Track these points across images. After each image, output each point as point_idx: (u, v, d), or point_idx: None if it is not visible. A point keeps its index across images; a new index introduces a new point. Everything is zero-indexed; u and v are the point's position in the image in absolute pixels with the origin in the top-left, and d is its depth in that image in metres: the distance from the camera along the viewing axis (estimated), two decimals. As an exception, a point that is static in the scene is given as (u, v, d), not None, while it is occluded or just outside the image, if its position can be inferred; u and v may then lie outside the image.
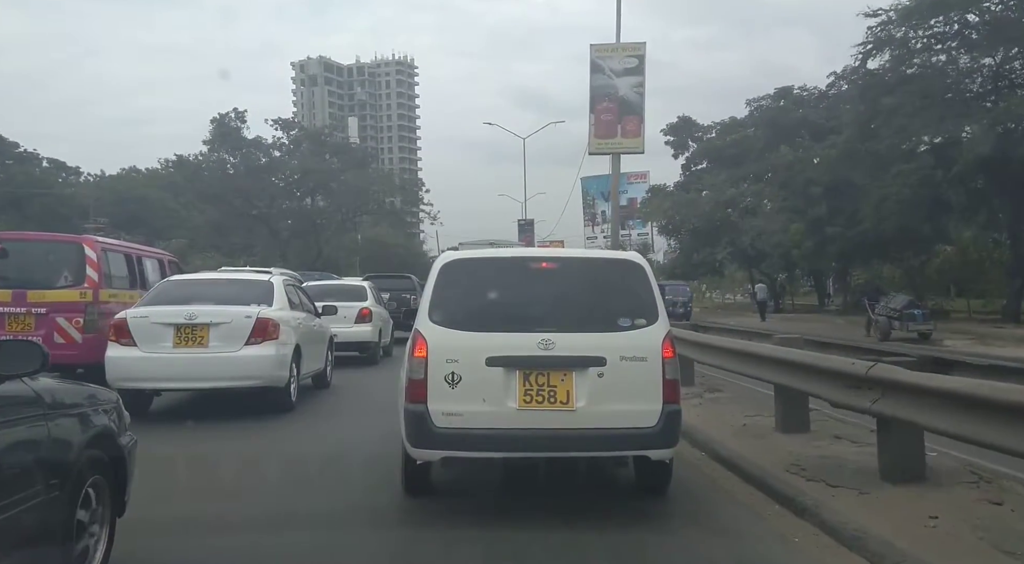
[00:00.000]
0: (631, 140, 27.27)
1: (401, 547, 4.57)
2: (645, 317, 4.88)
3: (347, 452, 6.93)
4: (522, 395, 4.63)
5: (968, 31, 26.17)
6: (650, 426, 4.67)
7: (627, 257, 5.61)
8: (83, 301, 10.55)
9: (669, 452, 4.87)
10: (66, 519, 3.27)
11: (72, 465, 3.31)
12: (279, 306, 9.17)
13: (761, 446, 6.70)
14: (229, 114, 54.92)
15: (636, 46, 27.15)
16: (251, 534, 4.61)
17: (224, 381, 8.32)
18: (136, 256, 12.07)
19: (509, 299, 5.03)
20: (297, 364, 9.16)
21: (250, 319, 8.50)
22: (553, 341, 4.67)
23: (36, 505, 3.02)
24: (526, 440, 4.63)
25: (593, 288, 5.11)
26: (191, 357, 8.24)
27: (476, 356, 4.66)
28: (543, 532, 4.52)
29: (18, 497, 2.92)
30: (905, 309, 20.08)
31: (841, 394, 5.76)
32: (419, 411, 4.64)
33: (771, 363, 7.15)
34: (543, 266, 5.19)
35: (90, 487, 3.50)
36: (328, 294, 13.76)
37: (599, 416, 4.65)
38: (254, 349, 8.38)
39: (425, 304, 4.93)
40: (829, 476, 5.50)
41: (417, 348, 4.74)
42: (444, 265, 5.11)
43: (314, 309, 10.93)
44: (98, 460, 3.58)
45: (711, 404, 9.26)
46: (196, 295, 8.99)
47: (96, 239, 11.15)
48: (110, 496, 3.70)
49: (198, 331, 8.32)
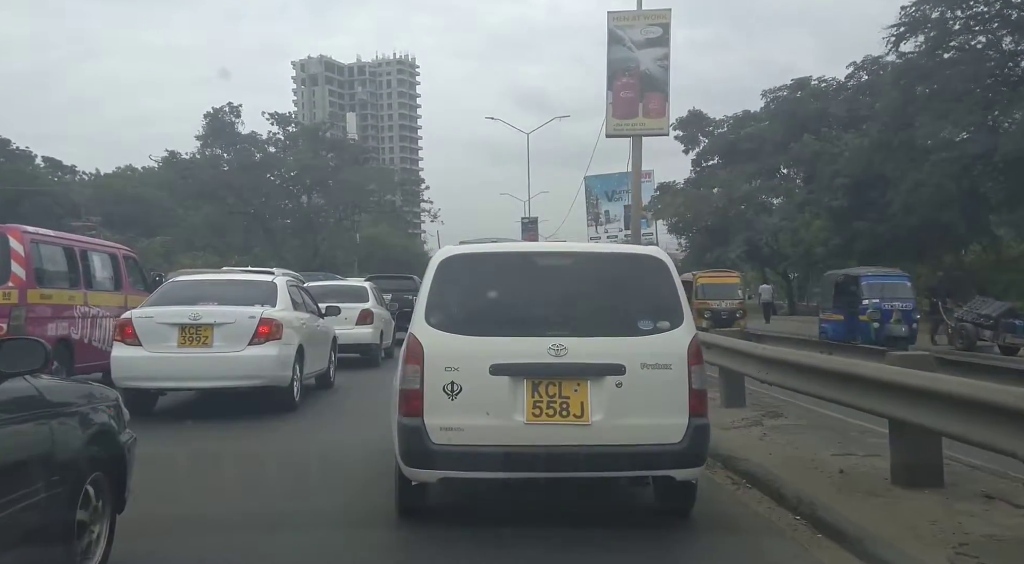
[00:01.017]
0: (654, 120, 23.61)
1: (403, 545, 4.53)
2: (669, 319, 4.48)
3: (350, 451, 6.84)
4: (530, 407, 4.26)
5: (1010, 11, 24.34)
6: (675, 442, 4.29)
7: (648, 251, 5.02)
8: (6, 304, 8.95)
9: (696, 472, 4.46)
10: (67, 516, 3.34)
11: (73, 462, 3.38)
12: (282, 307, 9.19)
13: (886, 510, 4.74)
14: (223, 109, 53.03)
15: (660, 13, 23.80)
16: (252, 533, 4.57)
17: (228, 381, 8.40)
18: (80, 250, 10.66)
19: (516, 299, 4.67)
20: (300, 364, 9.23)
21: (254, 319, 8.55)
22: (565, 346, 4.29)
23: (38, 502, 3.09)
24: (535, 458, 4.26)
25: (610, 286, 4.73)
26: (195, 357, 8.32)
27: (479, 363, 4.28)
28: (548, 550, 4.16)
29: (20, 494, 2.99)
30: (1003, 317, 17.25)
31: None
32: (414, 426, 4.28)
33: (898, 394, 4.96)
34: (554, 262, 4.87)
35: (91, 484, 3.56)
36: (329, 295, 13.52)
37: (617, 431, 4.27)
38: (258, 349, 8.44)
39: (421, 305, 4.53)
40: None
41: (412, 354, 4.36)
42: (443, 261, 4.68)
43: (317, 310, 10.91)
44: (98, 457, 3.62)
45: (778, 435, 7.31)
46: (201, 295, 8.99)
47: (24, 230, 9.53)
48: (110, 493, 3.76)
49: (202, 331, 8.39)
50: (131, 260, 12.07)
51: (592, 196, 75.00)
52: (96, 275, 10.78)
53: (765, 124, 43.45)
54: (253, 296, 9.11)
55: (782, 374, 7.06)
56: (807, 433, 7.36)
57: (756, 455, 6.29)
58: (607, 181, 62.34)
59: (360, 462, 6.13)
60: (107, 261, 11.21)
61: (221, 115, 53.08)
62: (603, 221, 75.22)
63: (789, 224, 32.91)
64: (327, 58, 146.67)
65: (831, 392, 5.99)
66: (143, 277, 12.23)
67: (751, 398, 9.25)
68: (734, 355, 8.52)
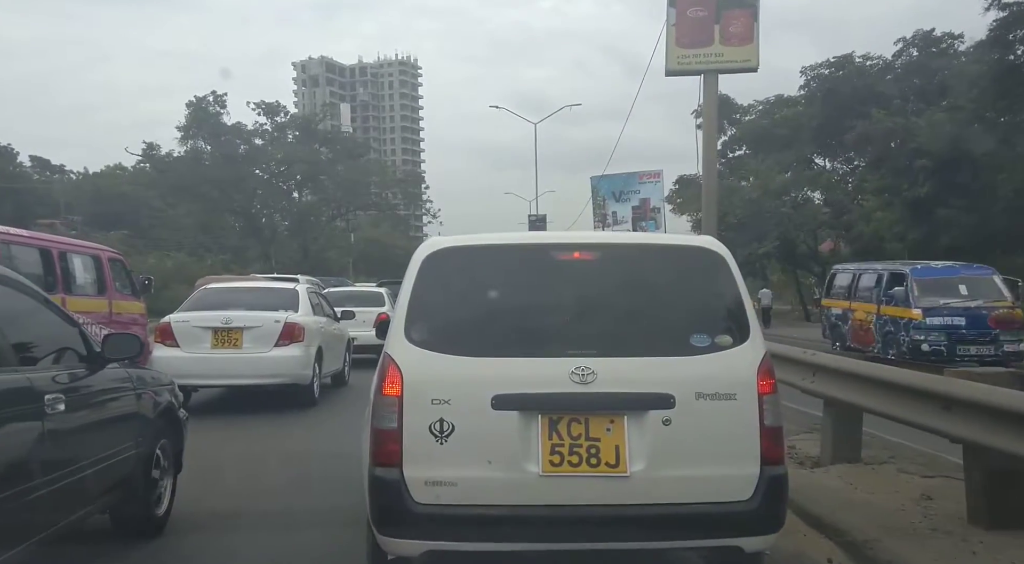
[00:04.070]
0: (737, 49, 16.44)
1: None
2: (731, 332, 3.52)
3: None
4: (547, 454, 3.30)
5: None
6: (742, 500, 3.32)
7: (700, 243, 3.85)
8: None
9: (771, 540, 3.43)
10: (147, 470, 4.52)
11: (150, 430, 4.58)
12: (304, 312, 10.19)
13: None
14: (207, 98, 49.02)
15: None
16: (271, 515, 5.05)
17: (256, 379, 9.46)
18: (59, 251, 9.83)
19: (526, 307, 3.68)
20: (319, 364, 10.14)
21: (279, 324, 9.57)
22: (593, 370, 3.33)
23: (129, 457, 4.27)
24: (553, 523, 3.30)
25: (652, 289, 3.73)
26: (227, 357, 9.35)
27: (477, 394, 3.33)
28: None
29: (119, 448, 4.18)
30: None
31: None
32: (390, 479, 3.33)
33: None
34: (576, 257, 3.76)
35: (159, 449, 4.69)
36: (348, 300, 14.83)
37: (664, 485, 3.31)
38: (282, 350, 9.47)
39: (400, 315, 3.56)
40: None
41: (388, 382, 3.42)
42: (428, 256, 3.69)
43: (333, 313, 11.92)
44: (164, 428, 4.79)
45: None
46: (231, 301, 10.11)
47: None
48: (172, 457, 4.88)
49: (233, 334, 9.44)
50: (117, 262, 11.55)
51: (599, 197, 72.64)
52: (76, 278, 10.28)
53: (800, 108, 39.24)
54: (277, 302, 10.18)
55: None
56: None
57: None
58: (614, 181, 59.73)
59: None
60: (89, 263, 10.68)
61: (205, 105, 49.04)
62: (610, 223, 72.59)
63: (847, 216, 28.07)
64: (328, 59, 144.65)
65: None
66: (130, 280, 11.86)
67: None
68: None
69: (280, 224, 53.52)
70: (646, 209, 58.84)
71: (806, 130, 37.46)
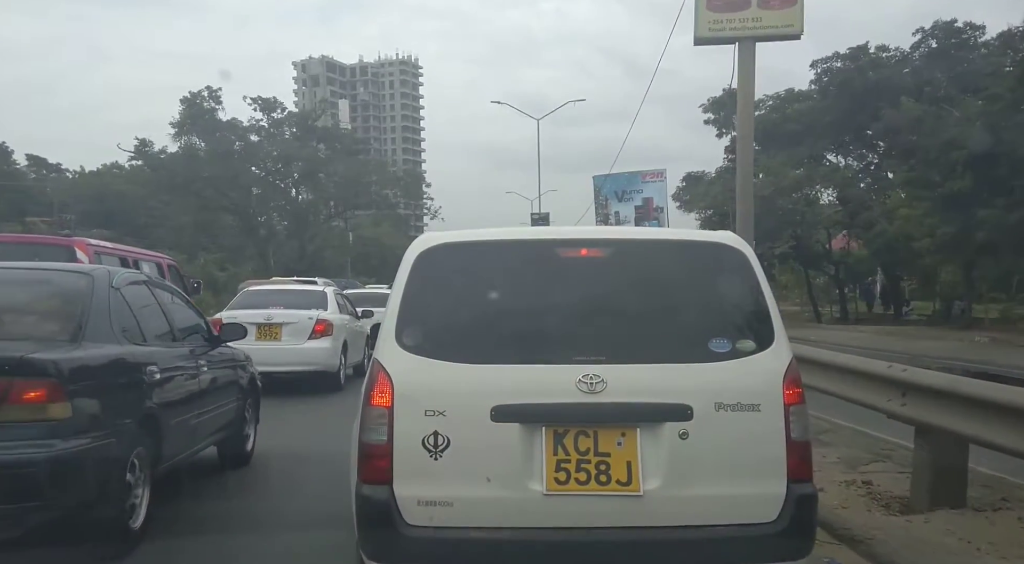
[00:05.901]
0: (778, 12, 14.36)
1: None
2: (754, 337, 3.28)
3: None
4: (552, 470, 3.09)
5: None
6: (767, 522, 3.08)
7: (720, 239, 3.60)
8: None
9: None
10: (243, 417, 6.54)
11: (244, 391, 6.57)
12: (332, 310, 12.12)
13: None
14: (202, 93, 47.72)
15: None
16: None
17: (293, 366, 11.15)
18: (133, 261, 10.71)
19: (528, 309, 3.43)
20: (345, 355, 12.09)
21: (312, 320, 11.49)
22: (603, 378, 3.12)
23: (231, 408, 6.22)
24: (560, 548, 3.09)
25: (666, 289, 3.46)
26: (268, 348, 10.88)
27: (475, 404, 3.13)
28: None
29: (227, 401, 6.13)
30: None
31: None
32: (380, 498, 3.13)
33: None
34: (583, 254, 3.53)
35: (248, 405, 6.66)
36: (367, 300, 15.86)
37: (682, 505, 3.08)
38: (315, 343, 11.40)
39: (391, 318, 3.34)
40: None
41: (377, 391, 3.20)
42: (421, 254, 3.47)
43: (355, 312, 13.69)
44: (249, 391, 6.75)
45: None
46: (271, 301, 12.01)
47: (88, 242, 9.77)
48: (254, 413, 6.87)
49: (274, 329, 11.35)
50: (173, 268, 12.35)
51: (601, 196, 71.82)
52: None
53: (812, 102, 37.97)
54: (310, 302, 12.13)
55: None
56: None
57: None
58: (617, 180, 58.71)
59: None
60: (154, 270, 11.30)
61: (199, 100, 47.76)
62: (613, 223, 71.86)
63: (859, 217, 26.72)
64: (328, 58, 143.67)
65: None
66: (184, 286, 12.18)
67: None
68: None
69: (278, 223, 52.25)
70: (649, 209, 57.55)
71: (819, 125, 36.21)
